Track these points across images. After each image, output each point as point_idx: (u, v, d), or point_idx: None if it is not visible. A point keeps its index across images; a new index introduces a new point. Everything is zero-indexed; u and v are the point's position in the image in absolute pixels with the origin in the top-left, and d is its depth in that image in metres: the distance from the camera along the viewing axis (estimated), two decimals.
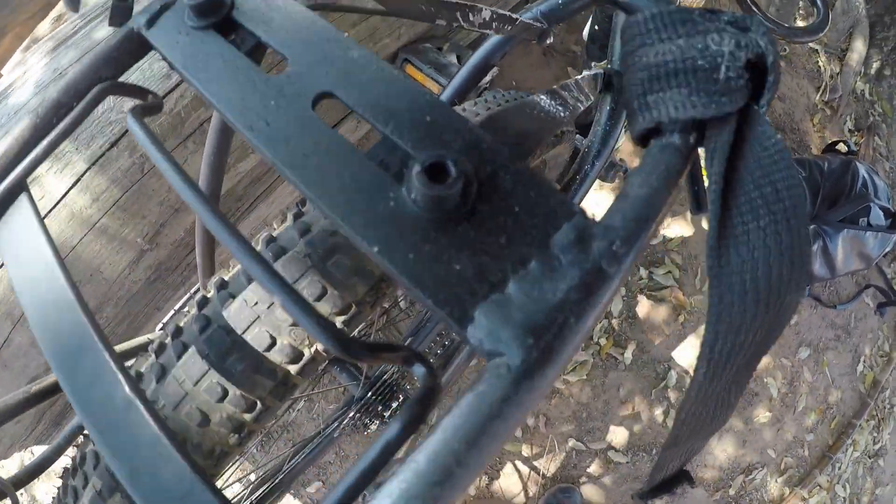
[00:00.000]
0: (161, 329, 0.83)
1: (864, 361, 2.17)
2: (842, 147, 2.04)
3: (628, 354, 1.84)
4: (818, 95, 2.26)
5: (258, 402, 0.47)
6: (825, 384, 2.07)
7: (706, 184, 0.30)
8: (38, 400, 0.54)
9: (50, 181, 0.99)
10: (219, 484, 0.55)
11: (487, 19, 0.57)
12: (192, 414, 0.47)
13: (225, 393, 0.47)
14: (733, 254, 0.27)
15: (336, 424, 1.18)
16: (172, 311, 0.81)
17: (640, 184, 0.26)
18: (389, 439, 0.23)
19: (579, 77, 0.63)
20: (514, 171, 0.24)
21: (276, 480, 1.21)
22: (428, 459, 0.20)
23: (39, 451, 1.64)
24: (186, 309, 0.83)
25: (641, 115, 0.29)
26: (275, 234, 0.50)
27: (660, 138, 0.29)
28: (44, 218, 0.95)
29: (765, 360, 1.93)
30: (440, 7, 0.48)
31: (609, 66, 0.76)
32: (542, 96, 0.48)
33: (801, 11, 2.19)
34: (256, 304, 0.47)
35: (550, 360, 0.21)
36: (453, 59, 1.31)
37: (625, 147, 1.83)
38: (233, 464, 1.25)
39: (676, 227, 1.95)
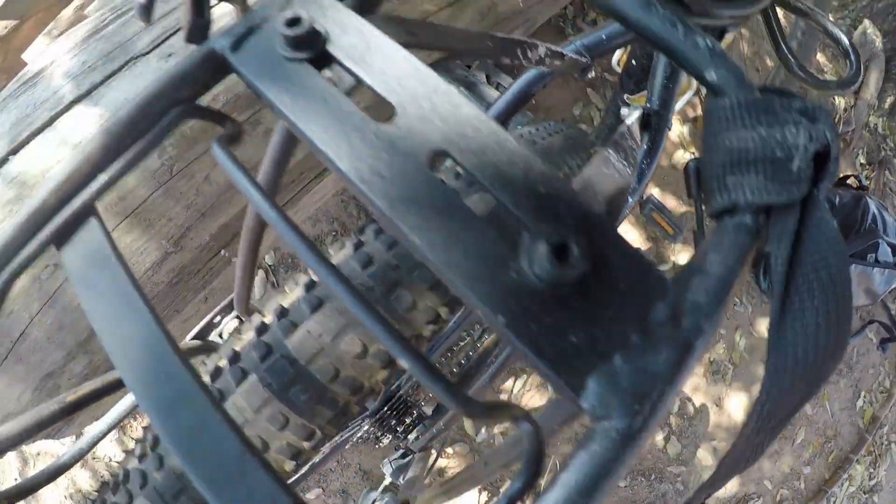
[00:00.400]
0: (194, 338, 0.86)
1: (865, 397, 2.21)
2: (853, 182, 2.08)
3: None
4: None
5: (317, 431, 0.50)
6: (825, 417, 2.12)
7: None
8: (72, 410, 0.56)
9: None
10: None
11: (542, 56, 0.61)
12: (255, 441, 0.50)
13: (286, 422, 0.49)
14: (790, 328, 0.31)
15: (349, 435, 1.21)
16: (204, 321, 0.84)
17: (720, 262, 0.30)
18: (512, 495, 0.26)
19: (630, 123, 0.67)
20: (620, 248, 0.28)
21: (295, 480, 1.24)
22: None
23: (45, 446, 1.67)
24: (219, 320, 0.86)
25: (720, 195, 0.32)
26: (333, 261, 0.52)
27: (733, 217, 0.32)
28: None
29: None
30: (505, 45, 0.51)
31: (648, 105, 0.80)
32: (611, 151, 0.51)
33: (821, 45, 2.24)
34: (321, 335, 0.50)
35: (650, 425, 0.25)
36: (482, 77, 1.34)
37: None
38: None
39: (687, 255, 2.00)
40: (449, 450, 1.76)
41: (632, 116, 0.75)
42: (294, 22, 0.32)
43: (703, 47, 0.36)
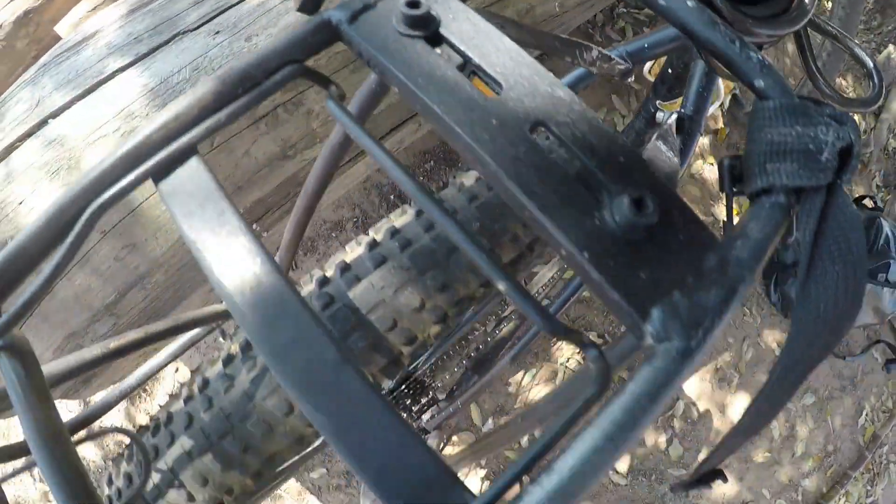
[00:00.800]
0: None
1: (867, 415, 2.26)
2: (868, 202, 2.14)
3: None
4: None
5: (370, 378, 0.56)
6: (826, 432, 2.17)
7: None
8: (115, 356, 0.58)
9: None
10: None
11: (595, 58, 0.68)
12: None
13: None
14: (813, 288, 0.38)
15: None
16: None
17: (759, 230, 0.37)
18: (587, 400, 0.33)
19: (669, 124, 0.74)
20: (681, 208, 0.35)
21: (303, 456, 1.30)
22: (622, 410, 0.30)
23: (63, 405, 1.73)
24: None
25: (760, 178, 0.39)
26: (398, 225, 0.58)
27: (770, 197, 0.39)
28: None
29: None
30: (567, 45, 0.58)
31: (682, 110, 0.87)
32: (659, 142, 0.58)
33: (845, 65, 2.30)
34: (383, 288, 0.55)
35: (703, 347, 0.31)
36: None
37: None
38: None
39: None
40: (454, 438, 1.82)
41: (671, 118, 0.82)
42: (414, 4, 0.39)
43: (755, 60, 0.43)
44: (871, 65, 0.75)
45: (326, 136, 1.01)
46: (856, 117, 2.37)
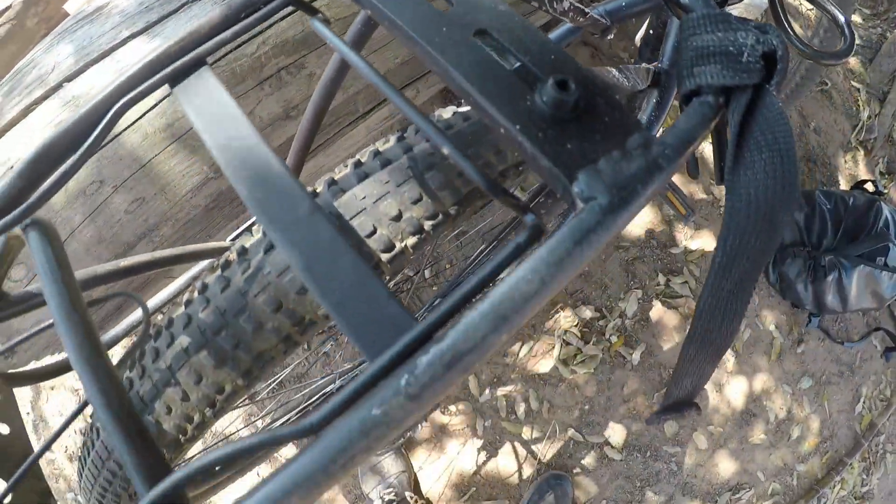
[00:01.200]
0: (233, 240, 0.97)
1: (864, 402, 2.29)
2: (870, 186, 2.19)
3: (636, 356, 2.00)
4: (854, 134, 2.41)
5: None
6: (822, 417, 2.21)
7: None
8: (125, 274, 0.65)
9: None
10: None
11: (567, 9, 0.73)
12: (294, 281, 0.59)
13: None
14: (742, 175, 0.43)
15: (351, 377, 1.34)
16: (246, 225, 0.95)
17: (686, 122, 0.42)
18: (502, 260, 0.38)
19: (636, 65, 0.79)
20: (606, 97, 0.40)
21: (303, 411, 1.37)
22: (549, 251, 0.34)
23: (60, 380, 1.80)
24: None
25: (688, 80, 0.44)
26: (380, 149, 0.65)
27: (699, 97, 0.44)
28: (118, 135, 1.10)
29: (767, 383, 2.08)
30: None
31: (659, 65, 0.93)
32: (612, 69, 0.63)
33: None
34: (364, 198, 0.61)
35: (625, 207, 0.36)
36: None
37: None
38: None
39: (699, 241, 2.11)
40: (451, 407, 1.88)
41: (641, 64, 0.88)
42: None
43: None
44: (843, 20, 0.80)
45: None
46: (860, 102, 2.41)
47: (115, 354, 1.82)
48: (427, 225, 0.62)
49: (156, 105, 1.16)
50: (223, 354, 0.62)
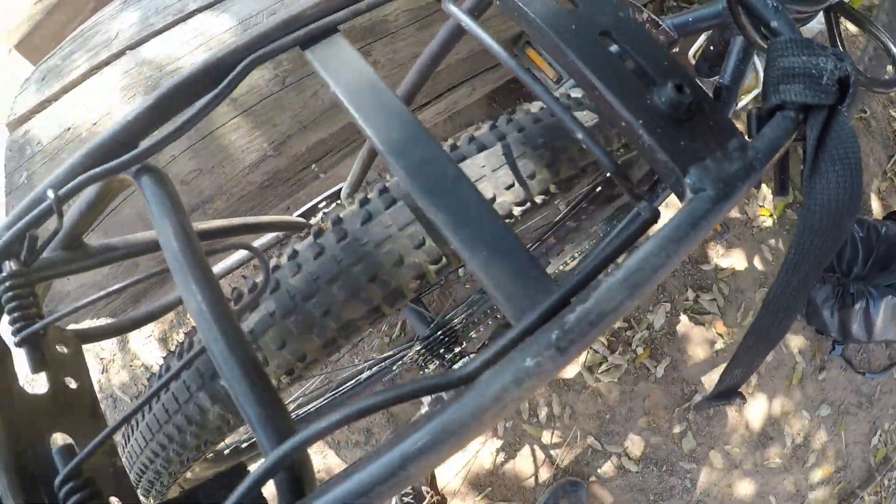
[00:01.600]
0: (301, 216, 1.02)
1: (881, 436, 2.32)
2: None
3: (661, 369, 2.06)
4: (890, 164, 2.46)
5: (444, 258, 0.64)
6: (838, 447, 2.25)
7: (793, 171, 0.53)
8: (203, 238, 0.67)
9: None
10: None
11: (645, 19, 0.80)
12: (391, 253, 0.63)
13: (423, 242, 0.63)
14: (817, 183, 0.50)
15: (399, 357, 1.40)
16: (311, 203, 1.00)
17: (772, 133, 0.48)
18: (623, 241, 0.45)
19: (699, 80, 0.86)
20: (710, 103, 0.47)
21: (332, 397, 1.43)
22: (672, 229, 0.40)
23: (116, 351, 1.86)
24: (324, 205, 1.02)
25: (773, 96, 0.51)
26: (476, 134, 0.70)
27: (782, 111, 0.51)
28: None
29: (786, 407, 2.13)
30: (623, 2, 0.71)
31: (721, 80, 1.00)
32: None
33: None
34: (483, 166, 0.66)
35: (727, 200, 0.42)
36: None
37: None
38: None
39: (730, 260, 2.16)
40: None
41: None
42: None
43: (771, 6, 0.56)
44: (895, 51, 0.87)
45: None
46: None
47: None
48: (539, 198, 0.68)
49: None
50: (311, 320, 0.65)
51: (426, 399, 1.37)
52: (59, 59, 1.32)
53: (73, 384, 0.52)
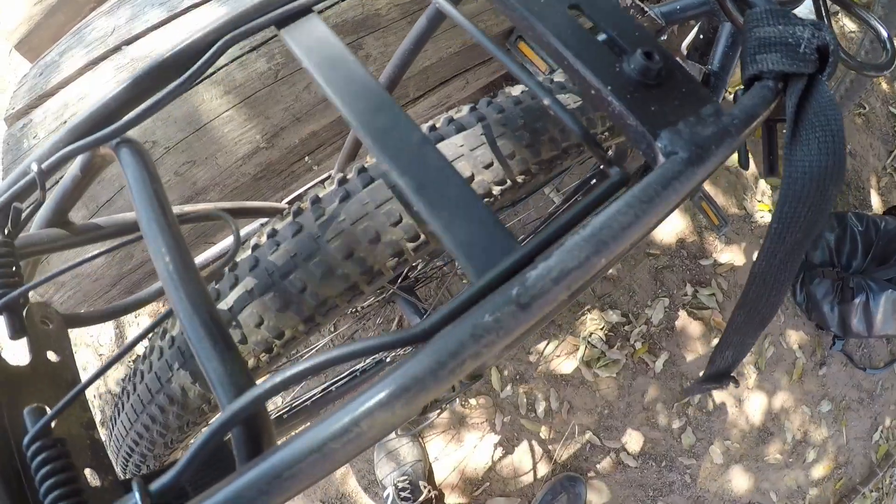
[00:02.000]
0: (288, 203, 1.03)
1: (882, 432, 2.33)
2: None
3: (659, 364, 2.06)
4: (889, 159, 2.46)
5: (422, 236, 0.64)
6: (839, 443, 2.25)
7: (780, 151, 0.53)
8: (184, 222, 0.70)
9: None
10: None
11: (628, 4, 0.80)
12: (368, 231, 0.64)
13: (399, 219, 0.64)
14: (798, 150, 0.50)
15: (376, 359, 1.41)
16: (302, 189, 1.01)
17: (750, 101, 0.49)
18: (590, 201, 0.45)
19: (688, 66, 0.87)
20: (682, 71, 0.47)
21: (327, 390, 1.44)
22: (641, 190, 0.40)
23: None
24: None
25: (751, 66, 0.51)
26: (455, 116, 0.70)
27: (760, 82, 0.52)
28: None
29: (786, 402, 2.13)
30: None
31: (710, 67, 1.00)
32: None
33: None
34: (462, 146, 0.67)
35: (701, 163, 0.42)
36: None
37: None
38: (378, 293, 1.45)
39: (729, 255, 2.17)
40: (472, 401, 1.95)
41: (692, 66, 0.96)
42: None
43: None
44: (886, 34, 0.87)
45: None
46: None
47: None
48: (521, 178, 0.68)
49: (214, 73, 1.24)
50: (288, 297, 0.65)
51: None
52: (55, 54, 1.35)
53: (54, 358, 0.53)
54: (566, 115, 0.45)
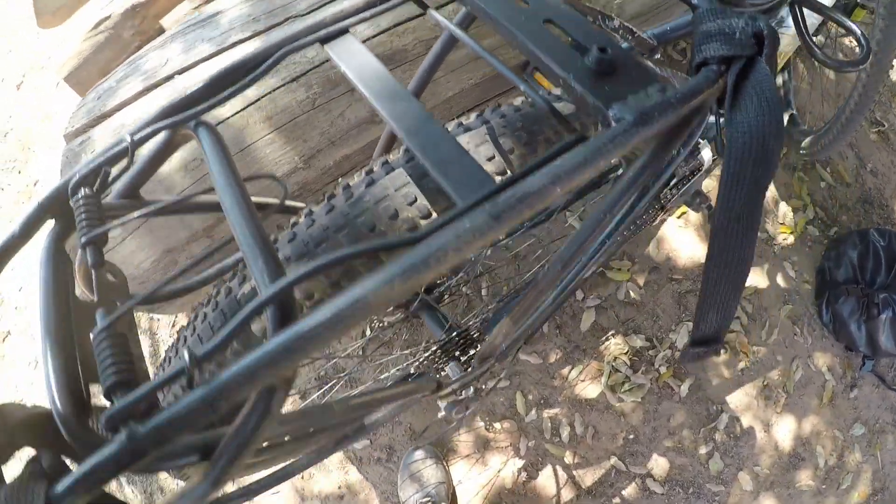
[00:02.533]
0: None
1: None
2: None
3: (685, 388, 2.15)
4: None
5: (434, 214, 0.78)
6: (875, 468, 2.29)
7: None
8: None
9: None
10: None
11: (617, 27, 0.95)
12: (388, 209, 0.78)
13: (415, 200, 0.78)
14: (738, 115, 0.63)
15: (413, 358, 1.53)
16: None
17: (695, 81, 0.63)
18: (551, 153, 0.59)
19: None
20: (637, 63, 0.62)
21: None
22: (593, 142, 0.55)
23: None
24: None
25: (697, 55, 0.66)
26: (464, 121, 0.85)
27: (706, 67, 0.65)
28: (225, 120, 1.37)
29: (817, 426, 2.19)
30: (590, 11, 0.86)
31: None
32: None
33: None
34: (468, 143, 0.81)
35: (646, 125, 0.56)
36: None
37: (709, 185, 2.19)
38: None
39: (753, 278, 2.27)
40: (497, 425, 2.05)
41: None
42: None
43: None
44: (859, 32, 1.00)
45: None
46: None
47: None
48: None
49: (258, 100, 1.43)
50: None
51: (442, 403, 1.49)
52: (113, 81, 1.57)
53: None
54: (535, 95, 0.60)
